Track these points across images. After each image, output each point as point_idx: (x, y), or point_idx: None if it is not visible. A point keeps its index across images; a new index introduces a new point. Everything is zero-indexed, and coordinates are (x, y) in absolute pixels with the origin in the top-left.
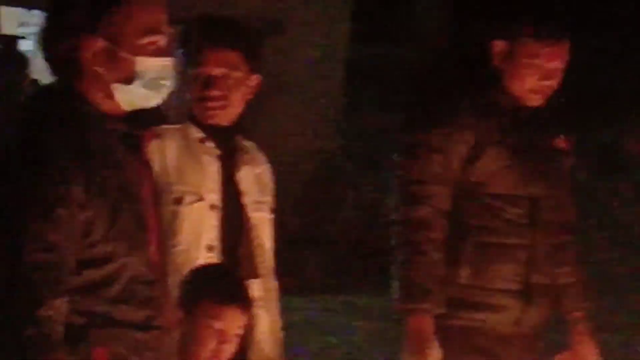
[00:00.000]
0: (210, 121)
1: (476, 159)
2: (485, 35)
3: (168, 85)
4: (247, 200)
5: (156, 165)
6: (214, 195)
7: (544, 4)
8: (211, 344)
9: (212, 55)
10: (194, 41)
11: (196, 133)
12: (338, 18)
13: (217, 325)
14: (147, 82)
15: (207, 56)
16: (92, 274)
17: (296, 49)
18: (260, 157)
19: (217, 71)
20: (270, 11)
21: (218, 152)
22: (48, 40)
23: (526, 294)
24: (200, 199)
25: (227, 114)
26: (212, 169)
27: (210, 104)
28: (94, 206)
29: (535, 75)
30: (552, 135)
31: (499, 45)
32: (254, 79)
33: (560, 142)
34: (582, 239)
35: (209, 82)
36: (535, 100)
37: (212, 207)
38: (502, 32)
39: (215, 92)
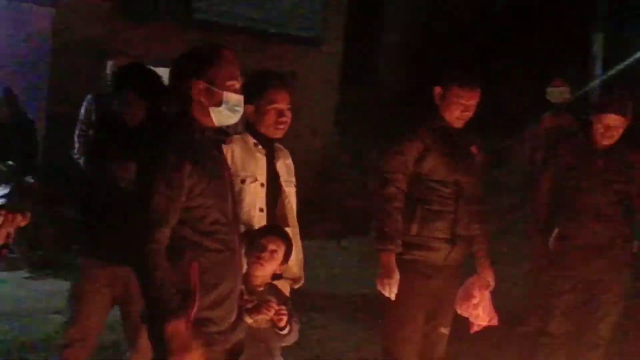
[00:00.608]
0: (278, 135)
1: (423, 158)
2: (430, 83)
3: (240, 111)
4: (282, 180)
5: (228, 160)
6: (263, 177)
7: (465, 67)
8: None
9: (281, 95)
10: (268, 86)
11: (251, 140)
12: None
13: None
14: (229, 107)
15: (279, 96)
16: (191, 215)
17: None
18: (287, 153)
19: (285, 106)
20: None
21: (264, 151)
22: (174, 81)
23: (452, 240)
24: (255, 180)
25: (285, 130)
26: (261, 161)
27: (282, 127)
28: (197, 176)
29: (459, 109)
30: (468, 144)
31: (438, 90)
32: None
33: (474, 149)
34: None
35: (282, 113)
36: (459, 124)
37: (262, 185)
38: (439, 82)
39: (285, 119)
